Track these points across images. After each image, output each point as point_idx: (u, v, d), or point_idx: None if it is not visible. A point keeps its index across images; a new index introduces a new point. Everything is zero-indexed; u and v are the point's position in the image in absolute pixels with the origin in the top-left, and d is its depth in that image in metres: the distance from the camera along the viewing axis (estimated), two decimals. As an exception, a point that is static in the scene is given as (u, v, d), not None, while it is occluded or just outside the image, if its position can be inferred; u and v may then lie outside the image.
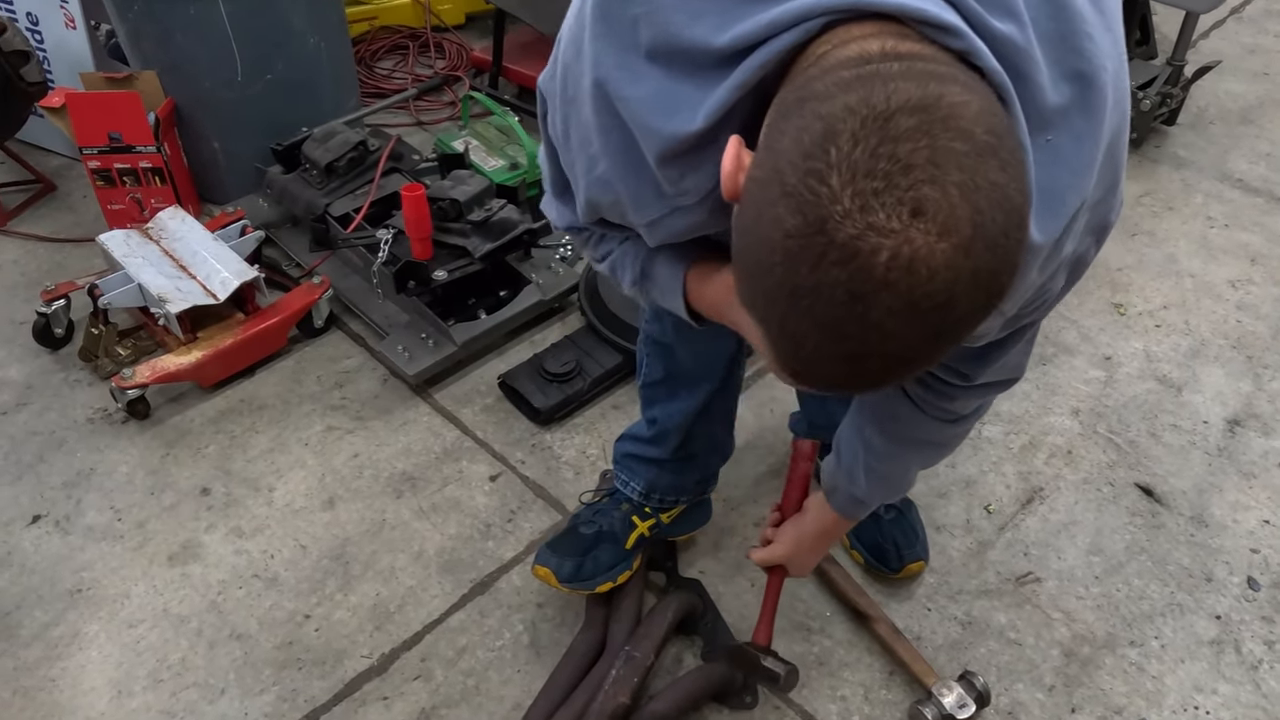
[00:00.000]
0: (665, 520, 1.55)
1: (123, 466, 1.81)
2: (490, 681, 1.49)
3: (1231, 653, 1.54)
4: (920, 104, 0.58)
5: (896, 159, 0.56)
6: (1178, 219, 2.44)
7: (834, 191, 0.57)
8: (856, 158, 0.57)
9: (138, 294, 1.92)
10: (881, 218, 0.56)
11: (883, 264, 0.56)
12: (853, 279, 0.57)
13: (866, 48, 0.64)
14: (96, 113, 2.10)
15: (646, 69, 0.77)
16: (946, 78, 0.61)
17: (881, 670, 1.51)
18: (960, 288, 0.58)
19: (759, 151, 0.65)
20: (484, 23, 3.11)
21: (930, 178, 0.56)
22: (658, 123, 0.78)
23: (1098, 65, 0.73)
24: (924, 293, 0.57)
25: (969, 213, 0.57)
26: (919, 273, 0.57)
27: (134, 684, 1.49)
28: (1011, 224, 0.59)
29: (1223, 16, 3.29)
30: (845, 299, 0.58)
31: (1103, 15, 0.75)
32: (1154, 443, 1.87)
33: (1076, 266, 0.88)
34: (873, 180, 0.56)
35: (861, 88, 0.59)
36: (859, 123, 0.57)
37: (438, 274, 1.93)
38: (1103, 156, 0.77)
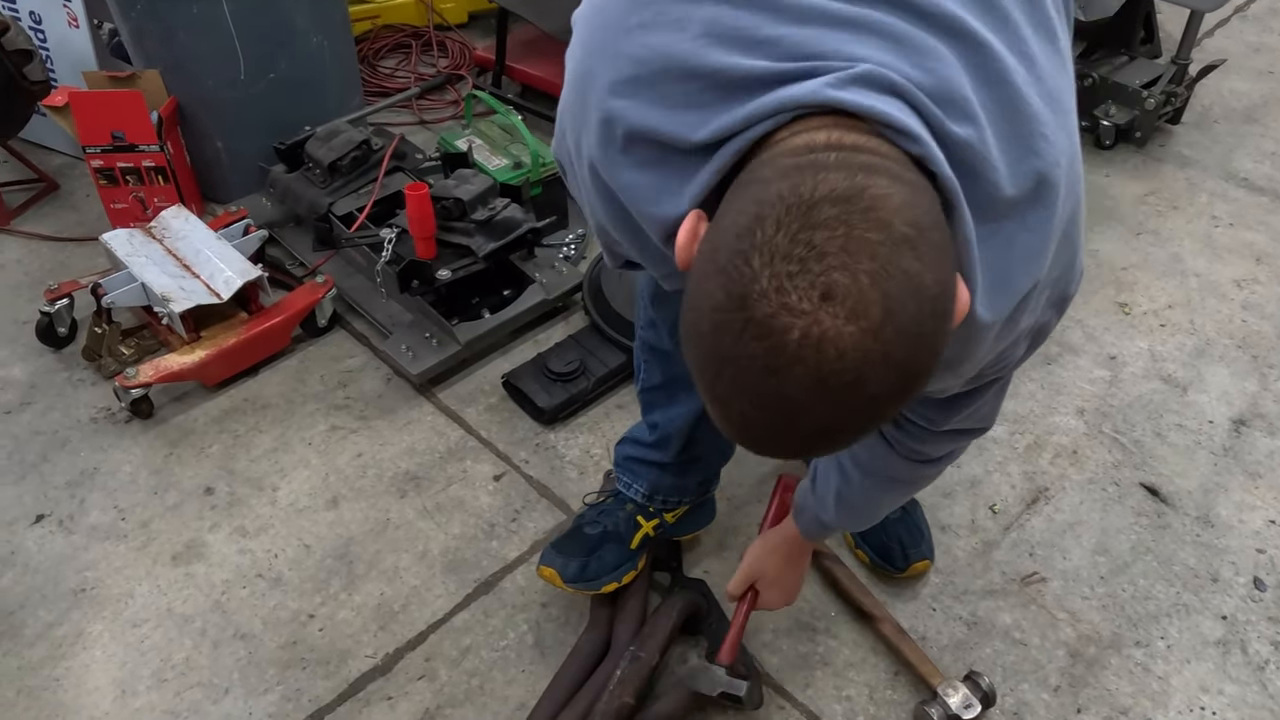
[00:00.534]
0: (670, 520, 1.55)
1: (126, 466, 1.81)
2: (495, 681, 1.49)
3: (1238, 653, 1.54)
4: (844, 195, 0.62)
5: (812, 245, 0.61)
6: (1182, 218, 2.43)
7: (755, 272, 0.61)
8: (778, 242, 0.61)
9: (141, 293, 1.92)
10: (794, 299, 0.60)
11: (794, 342, 0.61)
12: (768, 354, 0.62)
13: (814, 138, 0.69)
14: (99, 112, 2.10)
15: (624, 160, 0.82)
16: (877, 169, 0.65)
17: (886, 670, 1.51)
18: (870, 369, 0.62)
19: (710, 226, 0.70)
20: (487, 21, 3.11)
21: (842, 264, 0.60)
22: (648, 209, 0.83)
23: (1051, 162, 0.78)
24: (832, 370, 0.61)
25: (879, 298, 0.61)
26: (828, 352, 0.61)
27: (138, 684, 1.49)
28: (925, 312, 0.63)
29: (1227, 15, 3.29)
30: (762, 371, 0.62)
31: (1056, 114, 0.79)
32: (1159, 442, 1.87)
33: (1038, 335, 0.94)
34: (789, 264, 0.61)
35: (796, 176, 0.64)
36: (785, 209, 0.62)
37: (441, 273, 1.92)
38: (1058, 241, 0.82)
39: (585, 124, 0.84)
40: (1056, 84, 0.81)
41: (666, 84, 0.77)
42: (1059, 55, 0.83)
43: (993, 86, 0.75)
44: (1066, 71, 0.85)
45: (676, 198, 0.78)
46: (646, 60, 0.77)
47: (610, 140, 0.81)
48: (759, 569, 1.39)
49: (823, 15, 0.74)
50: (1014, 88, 0.76)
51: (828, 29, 0.74)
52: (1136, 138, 2.63)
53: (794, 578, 1.41)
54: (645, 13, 0.78)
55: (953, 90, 0.73)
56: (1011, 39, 0.78)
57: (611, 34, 0.80)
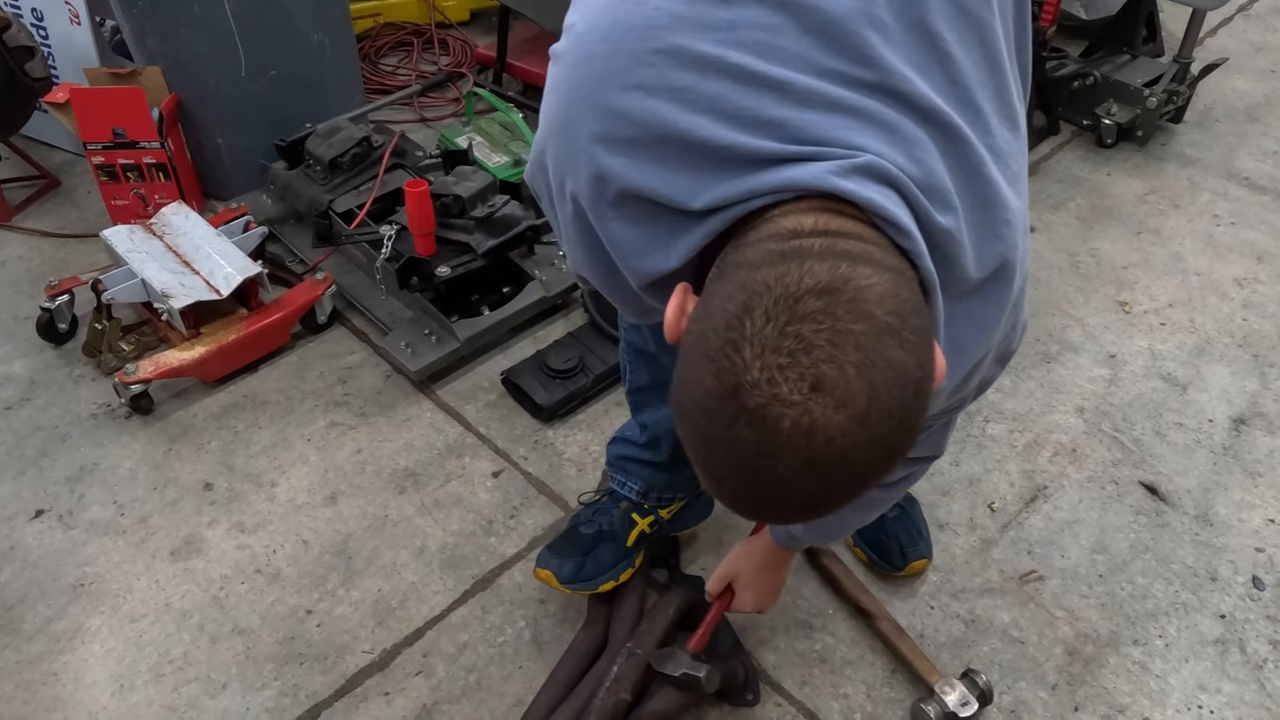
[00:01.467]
0: (665, 516, 1.55)
1: (126, 461, 1.81)
2: (492, 678, 1.49)
3: (1236, 652, 1.53)
4: (828, 287, 0.65)
5: (801, 338, 0.64)
6: (1183, 217, 2.43)
7: (746, 363, 0.64)
8: (768, 334, 0.64)
9: (141, 289, 1.92)
10: (785, 390, 0.63)
11: (786, 430, 0.64)
12: (761, 440, 0.65)
13: (801, 222, 0.72)
14: (100, 108, 2.10)
15: (614, 215, 0.84)
16: (860, 258, 0.68)
17: (884, 668, 1.51)
18: (857, 451, 0.65)
19: (698, 305, 0.72)
20: (488, 19, 3.11)
21: (829, 357, 0.63)
22: (633, 261, 0.85)
23: (1011, 245, 0.84)
24: (823, 455, 0.65)
25: (865, 388, 0.64)
26: (818, 439, 0.64)
27: (136, 678, 1.49)
28: (908, 395, 0.66)
29: (1230, 14, 3.28)
30: (754, 455, 0.65)
31: (1020, 197, 0.85)
32: (1159, 441, 1.86)
33: (982, 386, 1.02)
34: (779, 356, 0.64)
35: (783, 264, 0.67)
36: (773, 300, 0.65)
37: (441, 270, 1.92)
38: (1009, 312, 0.88)
39: (573, 170, 0.84)
40: (1016, 171, 0.86)
41: (666, 149, 0.77)
42: (1020, 142, 0.89)
43: (967, 176, 0.80)
44: (1024, 158, 0.90)
45: (664, 254, 0.81)
46: (648, 125, 0.77)
47: (601, 194, 0.82)
48: (736, 570, 1.41)
49: (826, 101, 0.76)
50: (985, 178, 0.81)
51: (830, 115, 0.76)
52: (1138, 136, 2.62)
53: (769, 582, 1.42)
54: (645, 74, 0.77)
55: (937, 181, 0.78)
56: (982, 130, 0.82)
57: (604, 89, 0.79)
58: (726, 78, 0.76)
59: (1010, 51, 0.89)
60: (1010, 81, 0.88)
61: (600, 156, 0.80)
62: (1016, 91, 0.90)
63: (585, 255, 0.91)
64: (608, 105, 0.78)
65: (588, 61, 0.80)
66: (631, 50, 0.77)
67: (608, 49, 0.79)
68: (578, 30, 0.82)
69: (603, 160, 0.80)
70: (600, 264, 0.89)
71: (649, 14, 0.77)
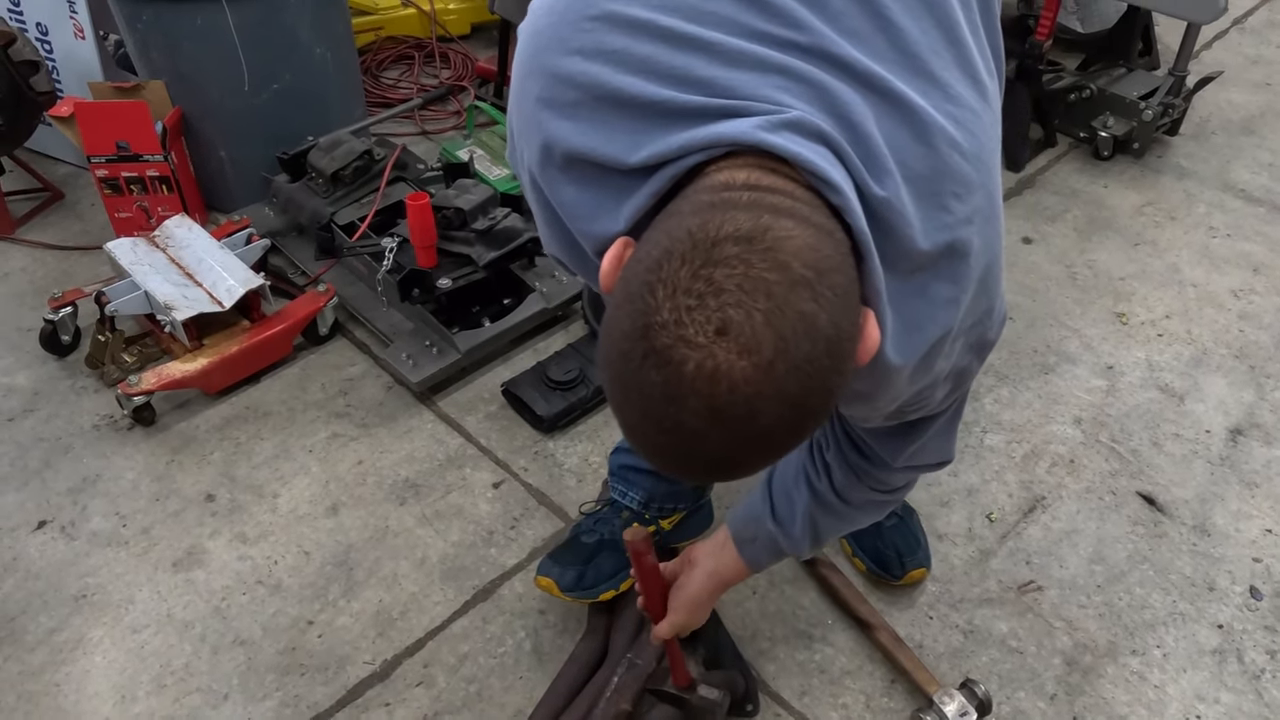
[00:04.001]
0: (666, 527, 1.56)
1: (128, 473, 1.82)
2: (492, 688, 1.50)
3: (1234, 662, 1.54)
4: (747, 234, 0.65)
5: (711, 281, 0.64)
6: (1180, 229, 2.44)
7: (657, 303, 0.64)
8: (680, 276, 0.64)
9: (144, 301, 1.93)
10: (691, 332, 0.63)
11: (690, 373, 0.63)
12: (666, 383, 0.64)
13: (734, 176, 0.72)
14: (104, 122, 2.12)
15: (563, 179, 0.84)
16: (786, 211, 0.68)
17: (883, 678, 1.51)
18: (762, 403, 0.64)
19: (630, 256, 0.73)
20: (489, 32, 3.13)
21: (737, 301, 0.63)
22: (585, 225, 0.85)
23: (962, 219, 0.81)
24: (726, 402, 0.64)
25: (772, 337, 0.63)
26: (720, 384, 0.64)
27: (138, 689, 1.50)
28: (819, 351, 0.65)
29: (1225, 27, 3.31)
30: (660, 398, 0.65)
31: (978, 171, 0.83)
32: (1156, 452, 1.87)
33: (959, 377, 1.00)
34: (688, 298, 0.64)
35: (707, 213, 0.67)
36: (692, 245, 0.65)
37: (442, 282, 1.94)
38: (972, 292, 0.86)
39: (526, 139, 0.87)
40: (981, 141, 0.84)
41: (604, 110, 0.79)
42: (991, 115, 0.87)
43: (913, 144, 0.79)
44: (996, 124, 0.89)
45: (613, 216, 0.81)
46: (586, 87, 0.80)
47: (550, 159, 0.84)
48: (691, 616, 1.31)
49: (754, 60, 0.77)
50: (933, 146, 0.79)
51: (758, 74, 0.77)
52: (1134, 149, 2.64)
53: (706, 611, 1.35)
54: (583, 39, 0.80)
55: (872, 146, 0.77)
56: (940, 97, 0.81)
57: (548, 56, 0.82)
58: (657, 40, 0.78)
59: (976, 25, 0.88)
60: (972, 53, 0.86)
61: (546, 122, 0.82)
62: (984, 64, 0.88)
63: (547, 228, 0.93)
64: (551, 71, 0.82)
65: (535, 34, 0.84)
66: (572, 19, 0.81)
67: (552, 20, 0.83)
68: (532, 7, 0.86)
69: (549, 125, 0.82)
70: (560, 235, 0.91)
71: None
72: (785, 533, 1.23)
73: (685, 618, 1.29)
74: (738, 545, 1.28)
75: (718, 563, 1.28)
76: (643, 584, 1.27)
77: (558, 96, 0.81)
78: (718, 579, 1.29)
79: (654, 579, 1.26)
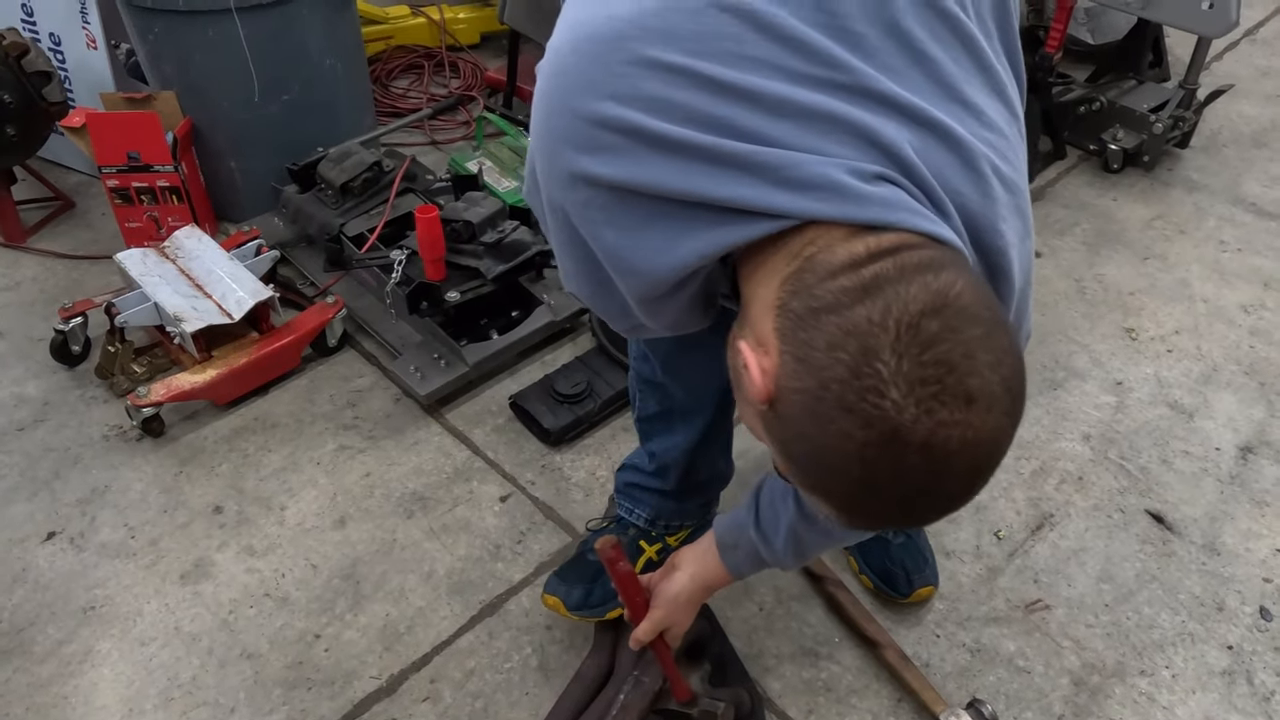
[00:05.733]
0: (672, 544, 1.55)
1: (137, 484, 1.83)
2: (498, 704, 1.50)
3: (1243, 683, 1.53)
4: (934, 306, 0.69)
5: (941, 363, 0.68)
6: (1190, 243, 2.43)
7: (898, 404, 0.68)
8: (907, 370, 0.67)
9: (154, 312, 1.94)
10: (945, 415, 0.68)
11: (954, 447, 0.69)
12: (931, 465, 0.69)
13: (853, 250, 0.73)
14: (115, 132, 2.13)
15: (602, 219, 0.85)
16: (930, 266, 0.71)
17: (889, 697, 1.51)
18: (1005, 436, 0.72)
19: (789, 362, 0.73)
20: (498, 42, 3.13)
21: (970, 370, 0.68)
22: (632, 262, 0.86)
23: (1008, 243, 0.84)
24: (985, 453, 0.71)
25: (1000, 382, 0.70)
26: (982, 445, 0.70)
27: (145, 702, 1.50)
28: (1020, 365, 0.73)
29: (1236, 39, 3.29)
30: (924, 481, 0.71)
31: (1013, 196, 0.85)
32: (1165, 469, 1.86)
33: None
34: (928, 386, 0.67)
35: (872, 298, 0.69)
36: (894, 337, 0.68)
37: (450, 295, 1.94)
38: (1013, 312, 0.90)
39: (558, 181, 0.84)
40: (1015, 165, 0.86)
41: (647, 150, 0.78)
42: (1021, 138, 0.89)
43: (962, 171, 0.80)
44: (1024, 145, 0.90)
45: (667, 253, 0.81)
46: (624, 131, 0.78)
47: (589, 200, 0.82)
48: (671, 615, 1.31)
49: (797, 108, 0.77)
50: (980, 173, 0.81)
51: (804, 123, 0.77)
52: (1144, 162, 2.63)
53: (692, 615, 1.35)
54: (617, 84, 0.78)
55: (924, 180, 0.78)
56: (976, 124, 0.82)
57: (578, 99, 0.80)
58: (697, 88, 0.76)
59: (997, 50, 0.89)
60: (1001, 77, 0.87)
61: (585, 166, 0.80)
62: (1011, 87, 0.89)
63: (576, 267, 0.92)
64: (582, 115, 0.79)
65: (561, 75, 0.82)
66: (602, 61, 0.78)
67: (579, 61, 0.80)
68: (554, 45, 0.84)
69: (587, 168, 0.80)
70: (591, 276, 0.90)
71: (618, 27, 0.78)
72: (768, 544, 1.23)
73: (664, 614, 1.29)
74: (720, 551, 1.28)
75: (700, 566, 1.29)
76: (621, 590, 1.29)
77: (593, 141, 0.79)
78: (699, 582, 1.29)
79: (631, 585, 1.28)
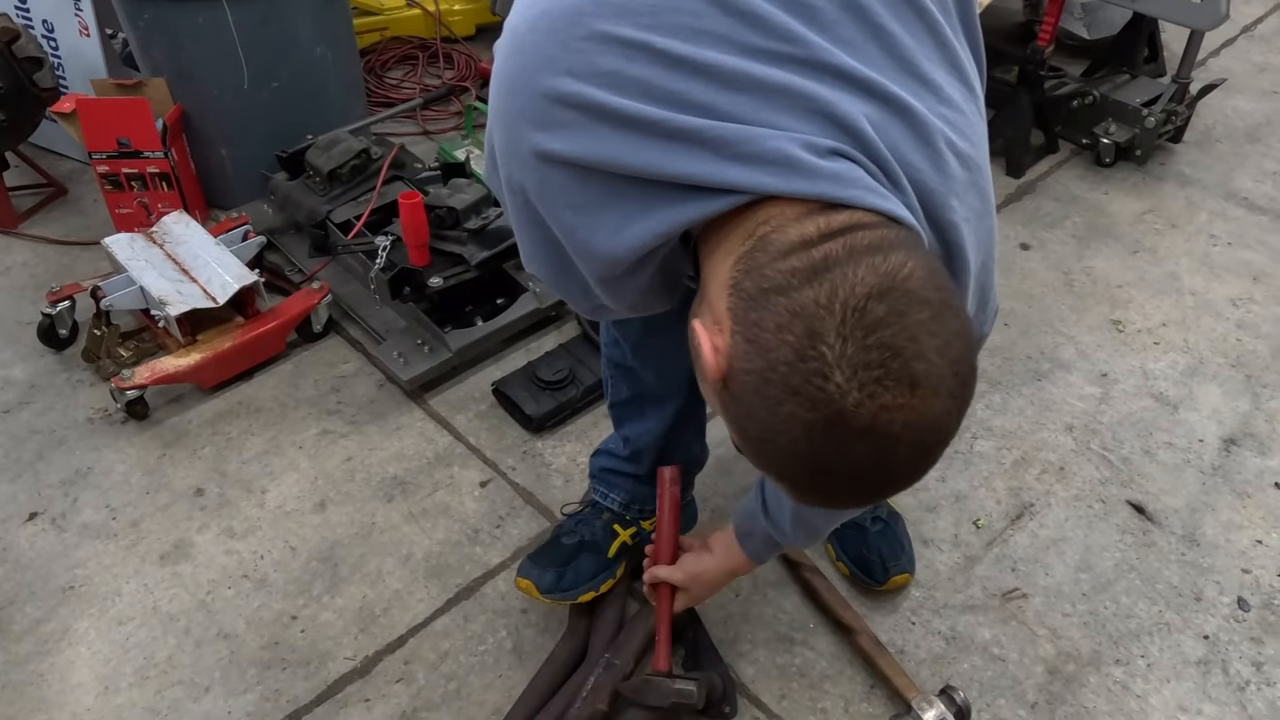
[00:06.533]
0: (647, 527, 1.56)
1: (120, 466, 1.84)
2: (471, 686, 1.50)
3: (1219, 673, 1.52)
4: (881, 288, 0.67)
5: (885, 346, 0.67)
6: (1180, 236, 2.42)
7: (841, 387, 0.67)
8: (851, 354, 0.67)
9: (139, 296, 1.95)
10: (889, 399, 0.67)
11: (897, 431, 0.68)
12: (876, 448, 0.69)
13: (804, 230, 0.72)
14: (105, 118, 2.14)
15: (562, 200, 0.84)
16: (881, 247, 0.70)
17: (863, 683, 1.51)
18: (953, 418, 0.71)
19: (739, 342, 0.72)
20: (493, 34, 3.13)
21: (916, 354, 0.67)
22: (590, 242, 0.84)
23: (960, 219, 0.83)
24: (931, 436, 0.70)
25: (948, 365, 0.69)
26: (925, 428, 0.69)
27: (120, 680, 1.51)
28: (972, 351, 0.72)
29: (1234, 34, 3.28)
30: (871, 465, 0.70)
31: (970, 172, 0.85)
32: (1148, 460, 1.86)
33: None
34: (872, 370, 0.67)
35: (820, 279, 0.69)
36: (839, 319, 0.67)
37: (433, 281, 1.94)
38: (972, 288, 0.88)
39: (517, 159, 0.83)
40: (973, 141, 0.85)
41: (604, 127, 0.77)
42: (979, 115, 0.88)
43: (917, 146, 0.80)
44: (983, 121, 0.90)
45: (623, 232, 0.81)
46: (581, 107, 0.77)
47: (547, 179, 0.82)
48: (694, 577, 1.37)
49: (752, 82, 0.76)
50: (934, 148, 0.81)
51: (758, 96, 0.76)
52: (1137, 156, 2.62)
53: (714, 591, 1.41)
54: (573, 60, 0.77)
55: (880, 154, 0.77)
56: (934, 100, 0.82)
57: (535, 76, 0.79)
58: (653, 62, 0.76)
59: (956, 29, 0.89)
60: (959, 54, 0.87)
61: (542, 142, 0.80)
62: (969, 64, 0.89)
63: (535, 248, 0.91)
64: (540, 91, 0.79)
65: (519, 53, 0.81)
66: (559, 38, 0.78)
67: (536, 39, 0.80)
68: (512, 24, 0.83)
69: (545, 144, 0.80)
70: (551, 257, 0.90)
71: (575, 3, 0.78)
72: (778, 528, 1.25)
73: (685, 578, 1.36)
74: (739, 540, 1.32)
75: (726, 553, 1.34)
76: (661, 517, 1.38)
77: (551, 117, 0.78)
78: (724, 568, 1.35)
79: (673, 518, 1.37)
